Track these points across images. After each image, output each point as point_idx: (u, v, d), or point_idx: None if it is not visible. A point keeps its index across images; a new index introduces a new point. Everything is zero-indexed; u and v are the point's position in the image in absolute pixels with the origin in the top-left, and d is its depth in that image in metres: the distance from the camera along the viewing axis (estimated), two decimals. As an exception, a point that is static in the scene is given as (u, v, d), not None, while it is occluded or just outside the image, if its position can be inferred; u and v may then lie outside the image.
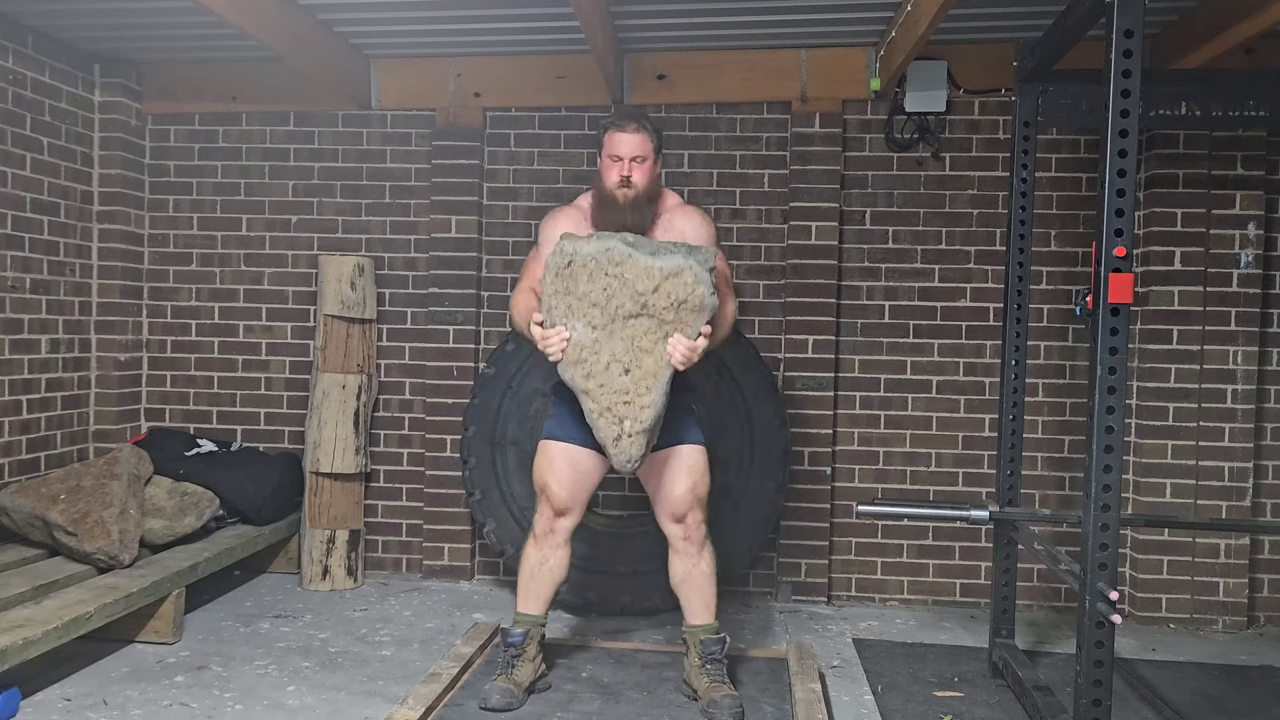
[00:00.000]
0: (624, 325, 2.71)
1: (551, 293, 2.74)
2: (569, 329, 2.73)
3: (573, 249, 2.72)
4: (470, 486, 4.11)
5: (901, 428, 4.32)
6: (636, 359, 2.72)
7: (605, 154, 2.96)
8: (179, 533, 3.86)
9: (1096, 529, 2.39)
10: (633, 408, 2.73)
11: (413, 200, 4.58)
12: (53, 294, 4.29)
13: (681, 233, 2.94)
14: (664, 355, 2.71)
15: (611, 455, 2.80)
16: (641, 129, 2.93)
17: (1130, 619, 4.07)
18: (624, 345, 2.72)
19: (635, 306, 2.69)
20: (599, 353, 2.73)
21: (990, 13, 3.83)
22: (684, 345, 2.70)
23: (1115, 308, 2.35)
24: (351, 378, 4.34)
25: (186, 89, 4.64)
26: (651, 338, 2.71)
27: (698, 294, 2.67)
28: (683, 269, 2.67)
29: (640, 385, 2.72)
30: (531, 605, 3.03)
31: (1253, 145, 4.02)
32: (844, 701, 3.18)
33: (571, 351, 2.74)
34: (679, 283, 2.66)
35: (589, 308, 2.71)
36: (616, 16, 3.92)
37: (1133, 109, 2.35)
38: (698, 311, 2.69)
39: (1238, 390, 4.04)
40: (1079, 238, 4.21)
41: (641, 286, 2.67)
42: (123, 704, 3.02)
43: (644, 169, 2.91)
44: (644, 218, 2.92)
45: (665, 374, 2.72)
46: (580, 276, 2.70)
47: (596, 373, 2.73)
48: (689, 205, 3.11)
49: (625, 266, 2.68)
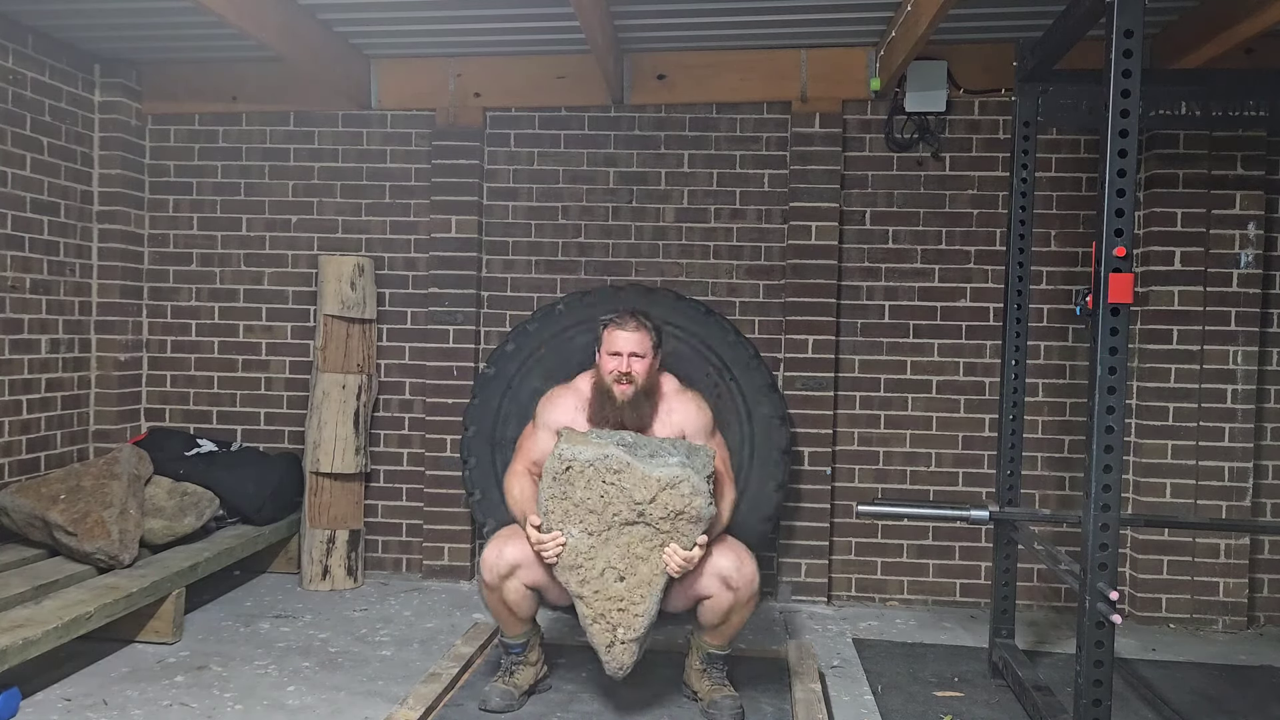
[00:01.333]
0: (620, 532, 2.72)
1: (548, 496, 2.74)
2: (565, 534, 2.73)
3: (571, 455, 2.71)
4: (470, 486, 4.11)
5: (901, 428, 4.32)
6: (632, 566, 2.72)
7: (604, 350, 2.98)
8: (179, 533, 3.86)
9: (1096, 529, 2.39)
10: (626, 615, 2.73)
11: (413, 200, 4.58)
12: (53, 294, 4.29)
13: (680, 426, 2.98)
14: (659, 563, 2.71)
15: (604, 662, 2.79)
16: (641, 327, 2.96)
17: (1130, 619, 4.07)
18: (619, 552, 2.72)
19: (632, 515, 2.70)
20: (594, 559, 2.73)
21: (990, 13, 3.83)
22: (680, 556, 2.68)
23: (1115, 308, 2.35)
24: (351, 378, 4.34)
25: (186, 89, 4.64)
26: (647, 545, 2.71)
27: (695, 505, 2.67)
28: (680, 480, 2.67)
29: (635, 593, 2.72)
30: (515, 627, 2.97)
31: (1253, 145, 4.02)
32: (844, 701, 3.18)
33: (567, 556, 2.74)
34: (676, 494, 2.67)
35: (586, 514, 2.72)
36: (616, 16, 3.92)
37: (1133, 109, 2.35)
38: (694, 522, 2.69)
39: (1238, 390, 4.04)
40: (1079, 238, 4.21)
41: (639, 496, 2.68)
42: (123, 704, 3.02)
43: (643, 365, 2.94)
44: (642, 413, 2.95)
45: (660, 582, 2.72)
46: (578, 483, 2.71)
47: (591, 579, 2.73)
48: (686, 392, 3.10)
49: (623, 475, 2.69)
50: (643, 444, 2.78)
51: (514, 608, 2.88)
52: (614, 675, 2.79)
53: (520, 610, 2.90)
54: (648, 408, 2.97)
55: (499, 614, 2.94)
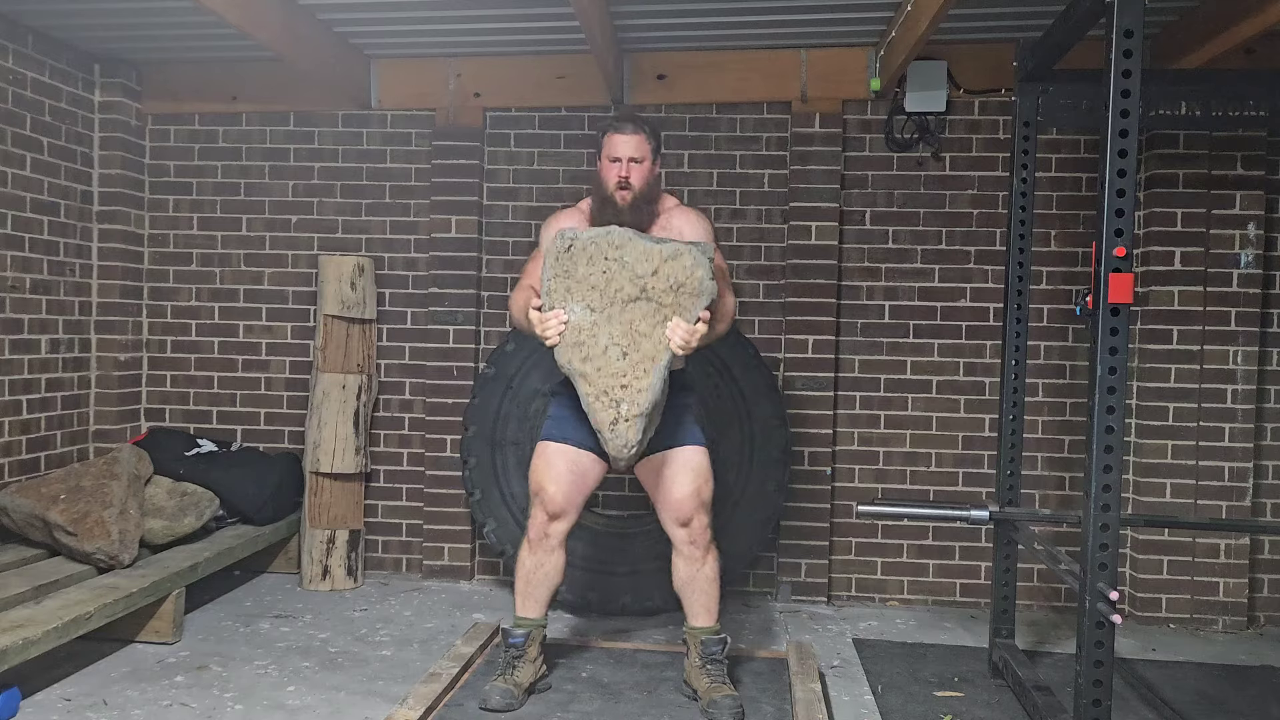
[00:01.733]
0: (623, 309, 2.71)
1: (550, 276, 2.74)
2: (567, 312, 2.73)
3: (573, 234, 2.75)
4: (470, 486, 4.11)
5: (901, 428, 4.32)
6: (635, 342, 2.71)
7: (604, 155, 2.97)
8: (179, 533, 3.86)
9: (1096, 529, 2.39)
10: (630, 391, 2.70)
11: (413, 200, 4.58)
12: (53, 294, 4.29)
13: (680, 231, 2.96)
14: (662, 339, 2.71)
15: (607, 440, 2.76)
16: (639, 130, 2.94)
17: (1130, 619, 4.07)
18: (622, 328, 2.71)
19: (634, 290, 2.69)
20: (597, 336, 2.72)
21: (990, 13, 3.83)
22: (683, 329, 2.69)
23: (1115, 308, 2.35)
24: (351, 378, 4.34)
25: (186, 89, 4.64)
26: (650, 321, 2.71)
27: (696, 277, 2.67)
28: (682, 253, 2.69)
29: (638, 369, 2.70)
30: (530, 609, 3.02)
31: (1253, 145, 4.02)
32: (844, 701, 3.18)
33: (569, 334, 2.73)
34: (678, 265, 2.67)
35: (588, 290, 2.71)
36: (616, 16, 3.92)
37: (1133, 109, 2.35)
38: (696, 295, 2.69)
39: (1238, 390, 4.04)
40: (1079, 238, 4.21)
41: (641, 269, 2.68)
42: (123, 704, 3.02)
43: (642, 170, 2.93)
44: (642, 219, 2.94)
45: (664, 358, 2.71)
46: (580, 259, 2.71)
47: (594, 356, 2.72)
48: (687, 207, 3.12)
49: (625, 250, 2.69)
50: (644, 235, 2.78)
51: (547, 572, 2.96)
52: (618, 455, 2.78)
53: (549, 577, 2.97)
54: (648, 214, 2.96)
55: (530, 582, 2.98)
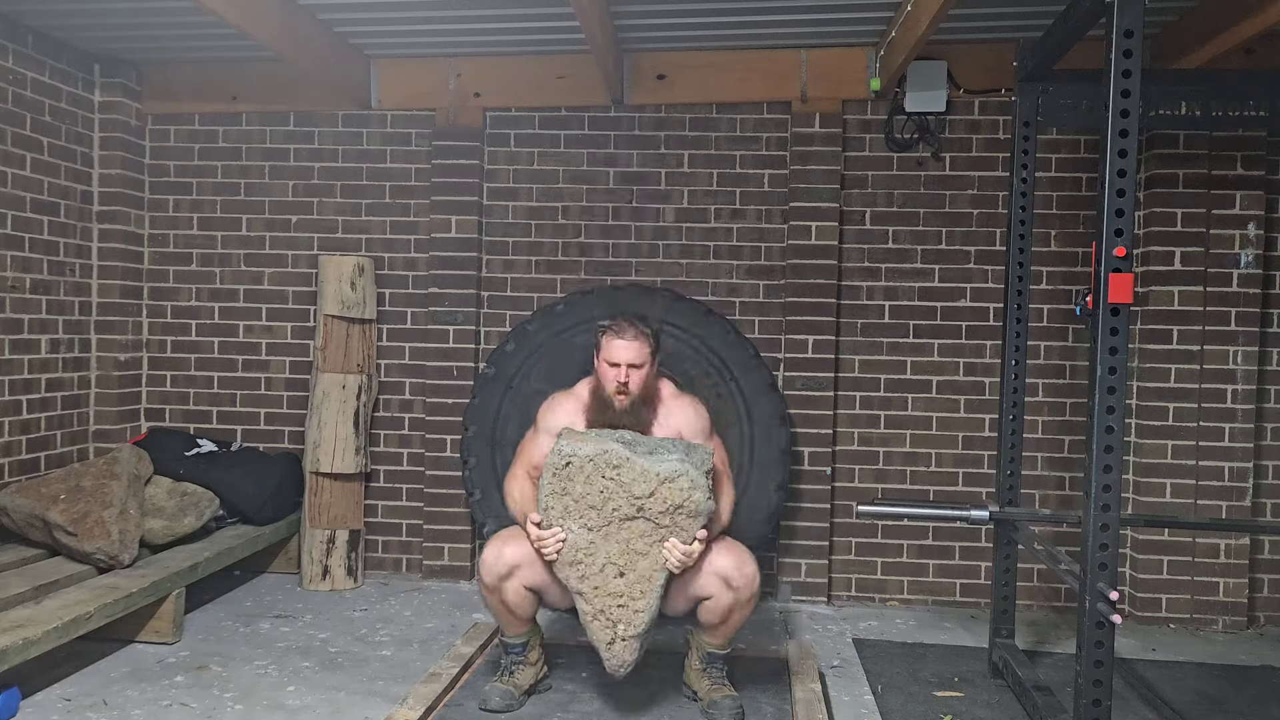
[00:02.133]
0: (620, 527, 2.71)
1: (548, 492, 2.74)
2: (565, 530, 2.73)
3: (571, 450, 2.72)
4: (470, 486, 4.11)
5: (901, 428, 4.32)
6: (631, 561, 2.71)
7: (602, 358, 2.94)
8: (179, 533, 3.86)
9: (1096, 529, 2.39)
10: (627, 611, 2.72)
11: (413, 200, 4.58)
12: (53, 294, 4.29)
13: (677, 429, 2.97)
14: (659, 558, 2.70)
15: (604, 659, 2.78)
16: (639, 336, 2.92)
17: (1130, 619, 4.07)
18: (619, 548, 2.72)
19: (631, 509, 2.69)
20: (594, 554, 2.72)
21: (990, 13, 3.83)
22: (680, 550, 2.68)
23: (1115, 308, 2.35)
24: (351, 378, 4.34)
25: (186, 89, 4.64)
26: (647, 540, 2.71)
27: (694, 499, 2.67)
28: (679, 475, 2.67)
29: (635, 589, 2.72)
30: (514, 628, 2.97)
31: (1253, 145, 4.02)
32: (844, 701, 3.18)
33: (567, 553, 2.73)
34: (675, 488, 2.67)
35: (586, 509, 2.72)
36: (616, 16, 3.92)
37: (1133, 109, 2.35)
38: (693, 517, 2.69)
39: (1238, 390, 4.04)
40: (1079, 238, 4.21)
41: (638, 491, 2.68)
42: (123, 704, 3.02)
43: (640, 375, 2.91)
44: (640, 419, 2.94)
45: (660, 577, 2.71)
46: (577, 478, 2.71)
47: (591, 575, 2.73)
48: (683, 396, 3.09)
49: (622, 470, 2.69)
50: (642, 442, 2.78)
51: (513, 608, 2.88)
52: (615, 673, 2.79)
53: (520, 611, 2.90)
54: (645, 413, 2.97)
55: (499, 614, 2.94)
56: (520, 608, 2.89)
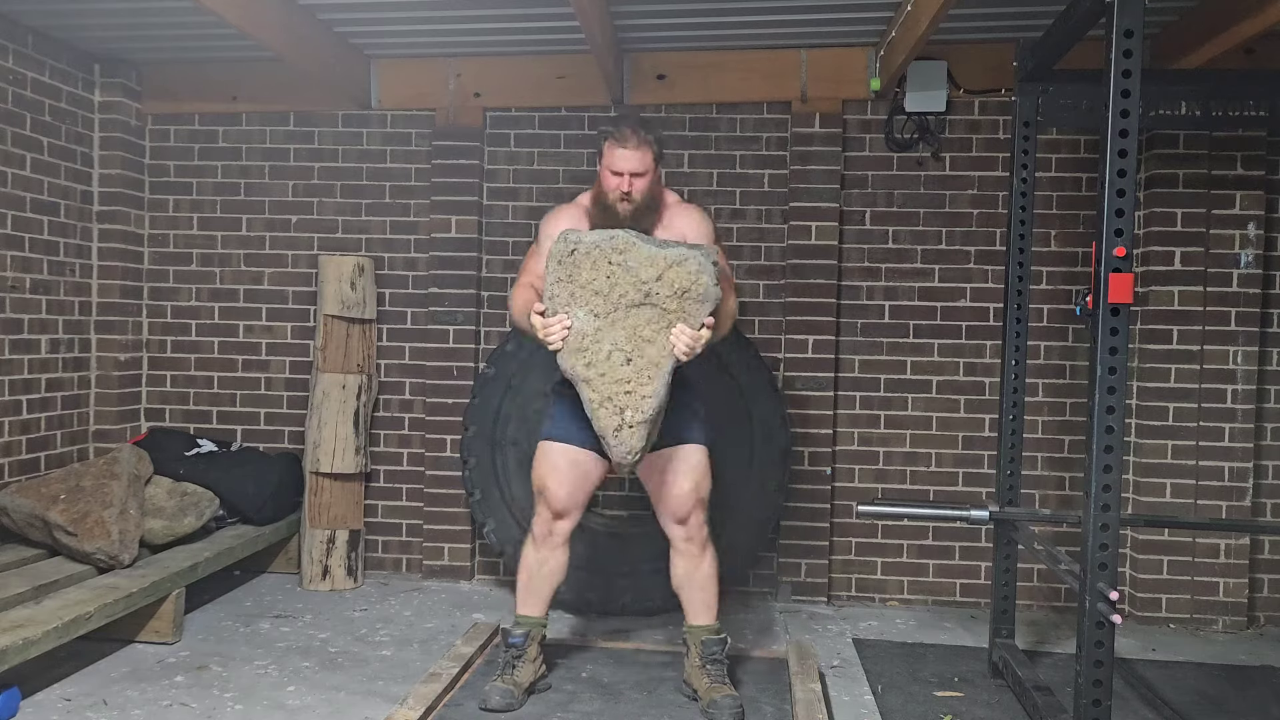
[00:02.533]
0: (626, 314, 2.70)
1: (554, 280, 2.72)
2: (570, 317, 2.71)
3: (576, 237, 2.73)
4: (470, 486, 4.11)
5: (901, 428, 4.32)
6: (639, 348, 2.69)
7: (604, 165, 2.93)
8: (179, 533, 3.86)
9: (1096, 529, 2.39)
10: (634, 397, 2.69)
11: (413, 200, 4.58)
12: (53, 294, 4.29)
13: (682, 232, 2.95)
14: (666, 344, 2.69)
15: (611, 447, 2.76)
16: (643, 144, 2.89)
17: (1130, 619, 4.07)
18: (626, 334, 2.70)
19: (638, 295, 2.68)
20: (600, 341, 2.70)
21: (990, 13, 3.83)
22: (687, 335, 2.68)
23: (1115, 308, 2.35)
24: (351, 378, 4.34)
25: (186, 89, 4.64)
26: (654, 327, 2.69)
27: (701, 283, 2.66)
28: (687, 258, 2.68)
29: (642, 375, 2.69)
30: (531, 607, 3.03)
31: (1253, 145, 4.02)
32: (844, 701, 3.18)
33: (573, 340, 2.71)
34: (683, 271, 2.66)
35: (591, 296, 2.70)
36: (616, 16, 3.92)
37: (1133, 109, 2.35)
38: (701, 301, 2.68)
39: (1238, 390, 4.04)
40: (1079, 238, 4.21)
41: (645, 275, 2.67)
42: (123, 704, 3.02)
43: (643, 183, 2.90)
44: (644, 224, 2.93)
45: (667, 364, 2.70)
46: (583, 264, 2.69)
47: (597, 361, 2.70)
48: (688, 204, 3.11)
49: (629, 254, 2.67)
50: (646, 238, 2.77)
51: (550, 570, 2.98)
52: (622, 461, 2.77)
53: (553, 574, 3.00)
54: (650, 218, 2.94)
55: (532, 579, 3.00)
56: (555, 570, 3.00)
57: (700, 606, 2.98)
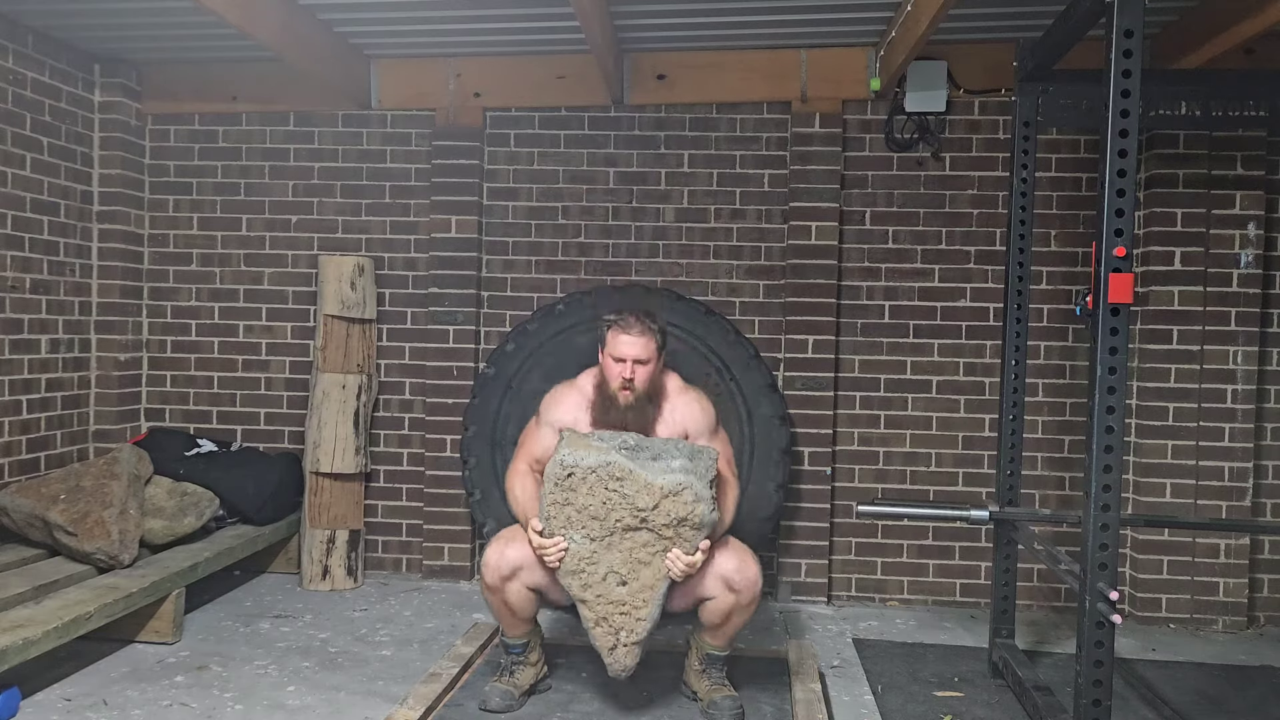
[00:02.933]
0: (622, 537, 2.71)
1: (550, 502, 2.73)
2: (567, 539, 2.72)
3: (573, 461, 2.70)
4: (470, 486, 4.11)
5: (901, 428, 4.32)
6: (634, 570, 2.72)
7: (608, 353, 2.93)
8: (179, 533, 3.86)
9: (1096, 529, 2.39)
10: (629, 619, 2.73)
11: (413, 200, 4.58)
12: (53, 294, 4.29)
13: (683, 426, 2.96)
14: (662, 567, 2.70)
15: (607, 664, 2.79)
16: (646, 332, 2.90)
17: (1130, 619, 4.07)
18: (622, 557, 2.72)
19: (634, 520, 2.69)
20: (597, 564, 2.72)
21: (990, 13, 3.83)
22: (683, 561, 2.67)
23: (1115, 308, 2.35)
24: (351, 378, 4.34)
25: (186, 89, 4.64)
26: (650, 550, 2.71)
27: (697, 512, 2.66)
28: (683, 488, 2.66)
29: (637, 597, 2.72)
30: (516, 629, 2.97)
31: (1253, 145, 4.02)
32: (844, 701, 3.18)
33: (569, 562, 2.73)
34: (679, 502, 2.66)
35: (588, 520, 2.71)
36: (616, 16, 3.92)
37: (1133, 109, 2.35)
38: (697, 529, 2.69)
39: (1238, 390, 4.04)
40: (1079, 238, 4.21)
41: (641, 503, 2.67)
42: (123, 704, 3.02)
43: (646, 371, 2.91)
44: (645, 415, 2.93)
45: (662, 586, 2.72)
46: (580, 489, 2.70)
47: (594, 584, 2.73)
48: (688, 391, 3.07)
49: (625, 482, 2.68)
50: (645, 446, 2.77)
51: (515, 609, 2.88)
52: (617, 676, 2.80)
53: (521, 612, 2.90)
54: (651, 410, 2.95)
55: (500, 615, 2.93)
56: (522, 608, 2.89)
57: (722, 636, 2.90)
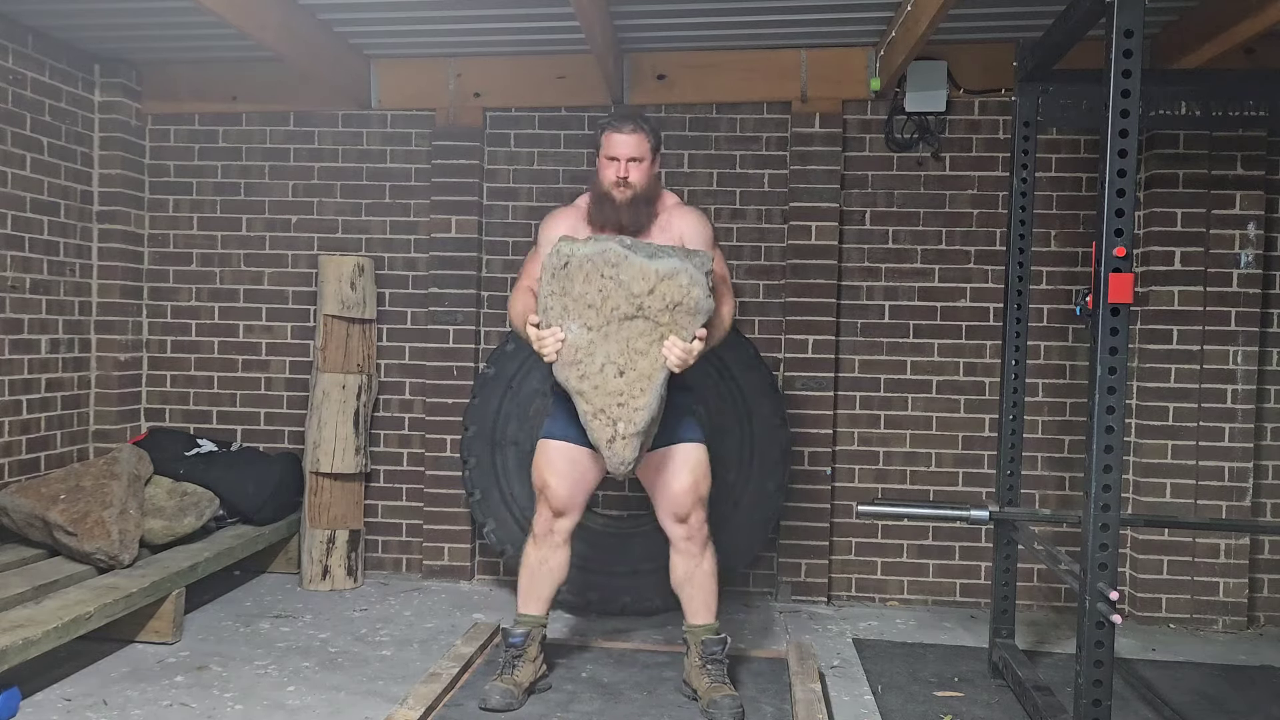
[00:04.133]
0: (619, 327, 2.71)
1: (547, 293, 2.74)
2: (564, 330, 2.73)
3: (569, 250, 2.73)
4: (470, 486, 4.11)
5: (901, 428, 4.32)
6: (631, 360, 2.71)
7: (602, 154, 2.96)
8: (179, 533, 3.86)
9: (1096, 529, 2.39)
10: (626, 409, 2.72)
11: (413, 200, 4.58)
12: (53, 294, 4.29)
13: (680, 234, 2.95)
14: (659, 357, 2.71)
15: (605, 458, 2.80)
16: (639, 129, 2.93)
17: (1130, 619, 4.07)
18: (619, 347, 2.71)
19: (631, 308, 2.69)
20: (594, 354, 2.72)
21: (990, 13, 3.83)
22: (679, 347, 2.70)
23: (1115, 308, 2.35)
24: (351, 378, 4.34)
25: (186, 89, 4.64)
26: (646, 339, 2.71)
27: (693, 296, 2.67)
28: (678, 271, 2.67)
29: (635, 387, 2.71)
30: (532, 606, 3.03)
31: (1253, 145, 4.02)
32: (844, 701, 3.18)
33: (566, 353, 2.74)
34: (674, 285, 2.67)
35: (585, 309, 2.71)
36: (616, 16, 3.92)
37: (1133, 109, 2.35)
38: (693, 314, 2.69)
39: (1238, 390, 4.04)
40: (1079, 238, 4.21)
41: (637, 288, 2.67)
42: (123, 704, 3.02)
43: (641, 169, 2.92)
44: (641, 218, 2.93)
45: (660, 376, 2.72)
46: (576, 278, 2.71)
47: (591, 374, 2.73)
48: (687, 206, 3.11)
49: (621, 268, 2.68)
50: (641, 246, 2.77)
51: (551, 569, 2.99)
52: (616, 470, 2.80)
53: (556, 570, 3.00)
54: (646, 214, 2.94)
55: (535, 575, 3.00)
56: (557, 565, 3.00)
57: (700, 606, 2.99)
